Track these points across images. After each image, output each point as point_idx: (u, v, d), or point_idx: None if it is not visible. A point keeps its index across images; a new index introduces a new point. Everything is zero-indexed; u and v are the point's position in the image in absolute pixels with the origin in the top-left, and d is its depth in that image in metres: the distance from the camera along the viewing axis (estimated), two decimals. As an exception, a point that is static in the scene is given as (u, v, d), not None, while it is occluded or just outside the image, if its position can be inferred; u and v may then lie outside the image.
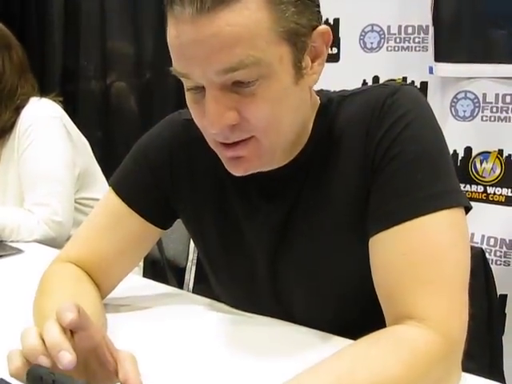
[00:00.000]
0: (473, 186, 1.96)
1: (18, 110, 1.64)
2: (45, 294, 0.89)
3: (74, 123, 1.76)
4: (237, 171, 0.80)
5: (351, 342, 0.72)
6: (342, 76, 2.10)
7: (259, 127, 0.75)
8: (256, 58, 0.70)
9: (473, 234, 1.98)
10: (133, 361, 0.63)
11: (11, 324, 0.70)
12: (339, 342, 0.81)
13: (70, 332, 0.62)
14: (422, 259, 0.72)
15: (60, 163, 1.60)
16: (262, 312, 0.94)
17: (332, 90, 0.93)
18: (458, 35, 1.89)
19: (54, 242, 1.47)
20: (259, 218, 0.89)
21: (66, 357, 0.57)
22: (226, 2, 0.67)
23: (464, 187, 1.97)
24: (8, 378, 0.72)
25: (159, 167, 0.95)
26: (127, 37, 3.03)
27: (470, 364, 0.78)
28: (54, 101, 1.71)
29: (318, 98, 0.88)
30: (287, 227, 0.87)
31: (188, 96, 0.77)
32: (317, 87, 0.91)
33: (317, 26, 0.76)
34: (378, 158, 0.79)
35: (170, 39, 0.73)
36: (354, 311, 0.86)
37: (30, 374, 0.54)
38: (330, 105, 0.86)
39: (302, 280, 0.88)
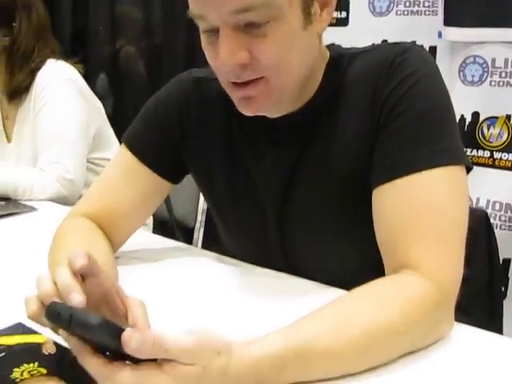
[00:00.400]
0: (479, 150, 1.97)
1: (33, 72, 1.65)
2: (58, 246, 0.92)
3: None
4: (247, 110, 0.83)
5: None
6: (350, 40, 2.06)
7: (269, 66, 0.77)
8: None
9: (478, 199, 2.00)
10: (142, 306, 0.66)
11: (26, 277, 0.73)
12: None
13: (82, 278, 0.65)
14: (420, 212, 0.75)
15: (73, 124, 1.62)
16: (269, 265, 0.98)
17: (343, 46, 0.94)
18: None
19: (66, 200, 1.50)
20: (266, 162, 0.92)
21: (76, 297, 0.59)
22: None
23: (471, 152, 1.98)
24: (26, 322, 0.77)
25: (169, 123, 0.98)
26: (136, 1, 3.03)
27: (469, 322, 0.80)
28: (75, 67, 1.72)
29: (329, 51, 0.90)
30: (293, 174, 0.90)
31: (203, 38, 0.80)
32: None
33: None
34: (383, 116, 0.81)
35: None
36: (356, 269, 0.89)
37: (48, 310, 0.57)
38: (341, 60, 0.88)
39: (305, 230, 0.92)
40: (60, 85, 1.63)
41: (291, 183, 0.90)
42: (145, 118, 1.01)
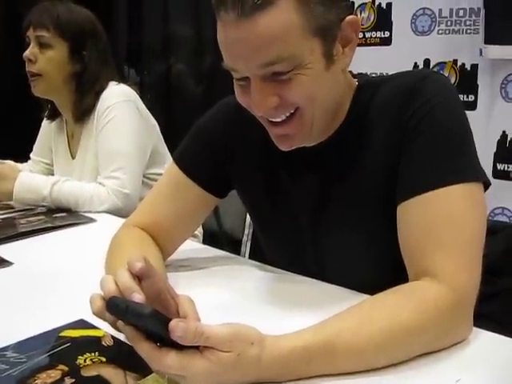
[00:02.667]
0: (521, 166, 2.00)
1: (98, 94, 1.78)
2: (115, 253, 1.02)
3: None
4: (283, 147, 0.93)
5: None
6: (393, 59, 2.17)
7: (299, 102, 0.86)
8: (290, 52, 0.81)
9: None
10: (191, 302, 0.74)
11: (86, 280, 0.82)
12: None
13: (138, 279, 0.73)
14: (440, 225, 0.82)
15: (132, 142, 1.73)
16: (305, 273, 1.06)
17: (372, 75, 1.02)
18: (508, 17, 1.91)
19: (121, 212, 1.61)
20: (302, 183, 1.01)
21: (138, 297, 0.67)
22: (262, 7, 0.78)
23: (513, 167, 2.02)
24: (87, 319, 0.87)
25: (215, 142, 1.08)
26: (188, 21, 3.15)
27: (501, 332, 0.84)
28: (133, 89, 1.84)
29: (356, 80, 0.98)
30: (326, 193, 0.98)
31: (236, 85, 0.90)
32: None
33: (345, 17, 0.86)
34: (406, 137, 0.88)
35: (219, 39, 0.85)
36: (382, 278, 0.95)
37: (108, 303, 0.67)
38: (368, 88, 0.96)
39: (336, 242, 1.00)
40: (121, 105, 1.75)
41: (324, 201, 0.99)
42: (193, 136, 1.11)
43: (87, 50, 1.78)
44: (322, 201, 0.99)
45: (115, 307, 0.65)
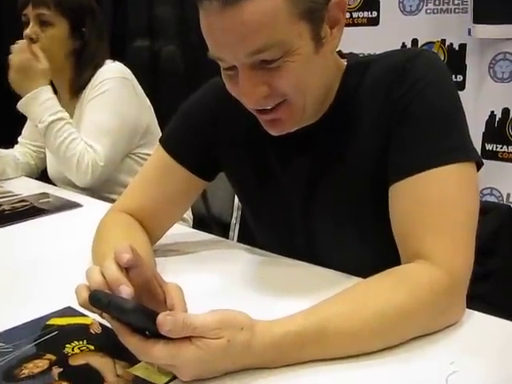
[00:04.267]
0: (510, 147, 1.99)
1: (95, 69, 1.76)
2: (101, 239, 1.00)
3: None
4: (273, 131, 0.91)
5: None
6: (381, 39, 2.15)
7: (289, 92, 0.84)
8: (277, 39, 0.78)
9: (509, 194, 2.02)
10: (179, 291, 0.73)
11: (73, 267, 0.80)
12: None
13: (125, 270, 0.72)
14: (432, 206, 0.81)
15: (118, 118, 1.71)
16: (295, 256, 1.05)
17: (362, 54, 1.00)
18: (496, -4, 1.90)
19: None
20: (291, 166, 0.99)
21: (126, 289, 0.66)
22: None
23: (501, 148, 2.01)
24: (74, 306, 0.85)
25: (202, 125, 1.06)
26: (173, 2, 3.11)
27: (492, 312, 0.83)
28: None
29: (346, 59, 0.96)
30: (316, 177, 0.97)
31: (224, 75, 0.87)
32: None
33: None
34: (396, 118, 0.86)
35: (203, 28, 0.82)
36: (373, 260, 0.92)
37: (90, 296, 0.65)
38: (357, 68, 0.94)
39: (326, 224, 0.98)
40: (116, 81, 1.73)
41: (314, 184, 0.97)
42: (180, 119, 1.09)
43: (86, 26, 1.77)
44: (312, 184, 0.97)
45: (97, 301, 0.64)
